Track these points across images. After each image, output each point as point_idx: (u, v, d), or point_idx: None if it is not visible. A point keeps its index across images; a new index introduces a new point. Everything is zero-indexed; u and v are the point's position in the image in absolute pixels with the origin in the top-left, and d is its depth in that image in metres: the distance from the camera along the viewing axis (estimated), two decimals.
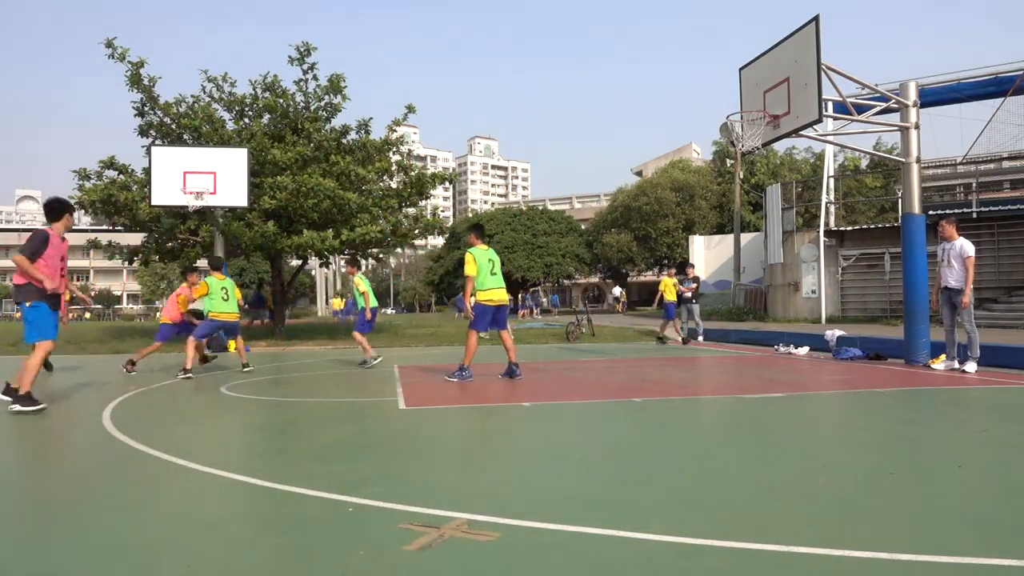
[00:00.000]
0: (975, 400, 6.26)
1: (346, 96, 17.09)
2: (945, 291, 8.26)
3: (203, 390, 7.64)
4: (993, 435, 4.50)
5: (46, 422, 5.64)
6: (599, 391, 6.96)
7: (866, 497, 3.09)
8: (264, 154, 15.92)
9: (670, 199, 41.39)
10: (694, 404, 6.08)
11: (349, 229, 15.96)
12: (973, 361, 8.07)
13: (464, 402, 6.35)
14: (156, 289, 73.07)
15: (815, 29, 8.24)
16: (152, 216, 15.97)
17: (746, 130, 9.43)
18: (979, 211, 17.93)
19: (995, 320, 15.76)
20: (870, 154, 12.21)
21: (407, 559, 2.40)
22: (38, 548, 2.62)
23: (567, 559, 2.40)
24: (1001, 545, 2.45)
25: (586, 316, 17.81)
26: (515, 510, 2.92)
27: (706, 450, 4.26)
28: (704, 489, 3.27)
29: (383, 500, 3.10)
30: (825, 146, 21.52)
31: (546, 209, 52.67)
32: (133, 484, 3.61)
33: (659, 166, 53.68)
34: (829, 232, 19.67)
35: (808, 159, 40.44)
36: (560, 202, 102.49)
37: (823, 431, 4.83)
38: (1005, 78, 17.86)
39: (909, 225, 9.20)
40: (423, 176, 18.21)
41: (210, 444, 4.59)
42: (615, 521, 2.76)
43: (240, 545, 2.61)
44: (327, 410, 6.04)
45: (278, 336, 17.24)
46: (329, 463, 3.93)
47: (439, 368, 9.71)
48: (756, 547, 2.45)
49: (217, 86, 17.18)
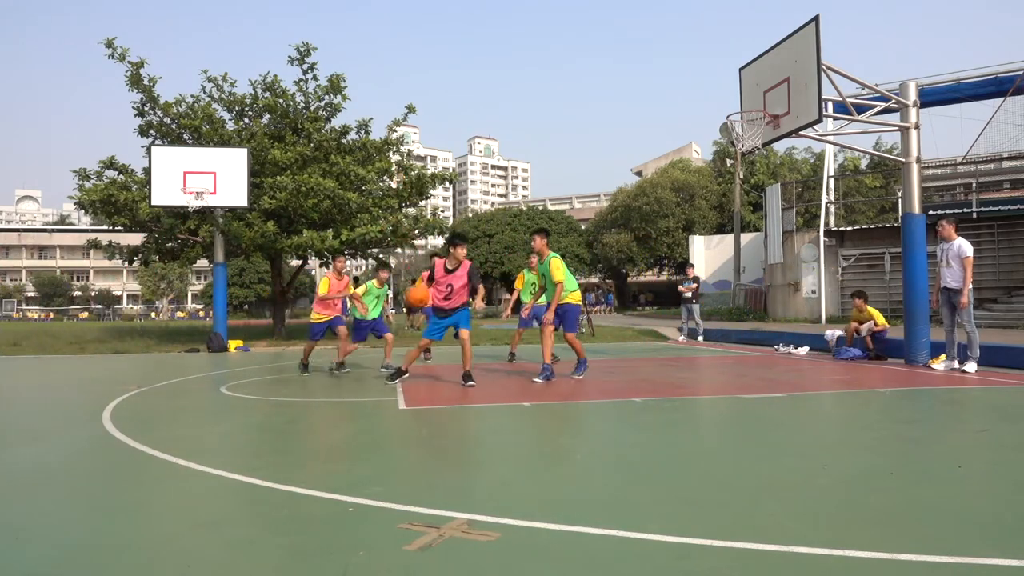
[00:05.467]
0: (975, 400, 6.26)
1: (346, 96, 17.09)
2: (945, 291, 8.26)
3: (203, 390, 7.64)
4: (993, 435, 4.50)
5: (46, 422, 5.64)
6: (599, 391, 6.96)
7: (866, 497, 3.09)
8: (264, 154, 15.92)
9: (670, 199, 41.35)
10: (694, 404, 6.08)
11: (349, 229, 15.96)
12: (973, 361, 8.07)
13: (464, 402, 6.35)
14: (156, 289, 73.02)
15: (815, 29, 8.24)
16: (152, 216, 15.97)
17: (746, 130, 9.43)
18: (979, 211, 17.91)
19: (995, 320, 15.75)
20: (870, 154, 12.22)
21: (407, 559, 2.40)
22: (38, 548, 2.62)
23: (567, 559, 2.40)
24: (1001, 545, 2.45)
25: (586, 316, 17.80)
26: (515, 510, 2.92)
27: (706, 450, 4.26)
28: (704, 489, 3.27)
29: (383, 500, 3.10)
30: (825, 146, 21.51)
31: (546, 209, 52.67)
32: (133, 484, 3.61)
33: (659, 166, 53.65)
34: (829, 232, 19.66)
35: (808, 159, 40.43)
36: (560, 202, 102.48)
37: (823, 431, 4.83)
38: (1005, 78, 17.86)
39: (909, 225, 9.20)
40: (423, 176, 18.21)
41: (210, 444, 4.59)
42: (615, 521, 2.76)
43: (240, 545, 2.61)
44: (327, 410, 6.04)
45: (278, 336, 17.24)
46: (329, 463, 3.93)
47: (439, 368, 9.71)
48: (756, 547, 2.45)
49: (217, 86, 17.18)
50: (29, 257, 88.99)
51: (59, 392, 7.68)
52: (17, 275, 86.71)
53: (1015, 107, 18.28)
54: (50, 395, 7.46)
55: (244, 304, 65.08)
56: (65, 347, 15.03)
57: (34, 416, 6.01)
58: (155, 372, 9.73)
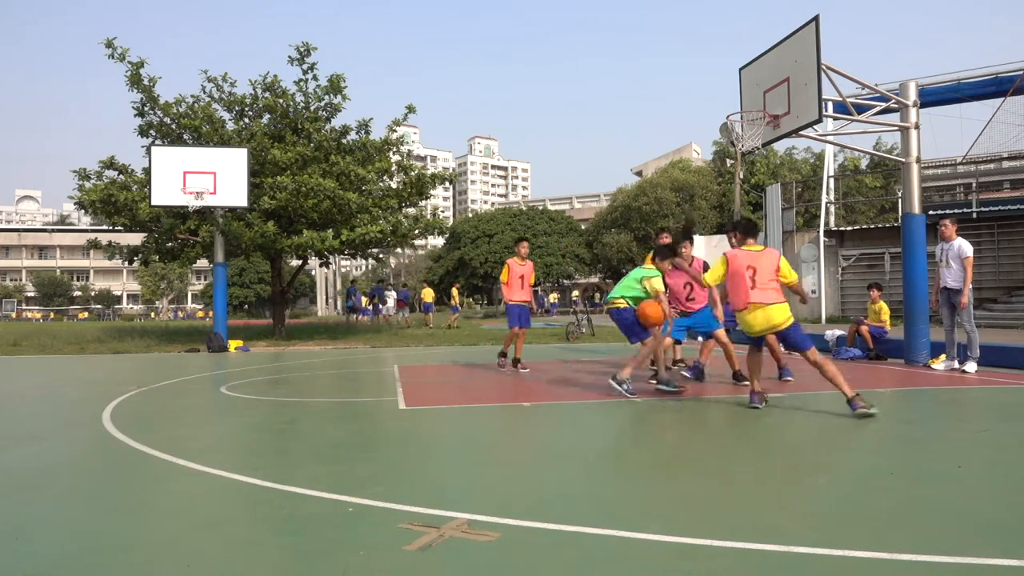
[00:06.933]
0: (975, 400, 6.26)
1: (346, 96, 17.08)
2: (944, 291, 8.26)
3: (203, 390, 7.64)
4: (993, 435, 4.50)
5: (46, 422, 5.64)
6: (599, 391, 6.95)
7: (866, 497, 3.09)
8: (264, 154, 15.91)
9: (670, 199, 41.35)
10: (694, 404, 6.07)
11: (349, 229, 15.96)
12: (973, 361, 8.07)
13: (464, 402, 6.35)
14: (156, 289, 72.98)
15: (815, 29, 8.23)
16: (152, 216, 15.96)
17: (746, 130, 9.42)
18: (979, 211, 17.93)
19: (995, 320, 15.76)
20: (870, 154, 12.22)
21: (407, 559, 2.40)
22: (38, 548, 2.62)
23: (567, 559, 2.40)
24: (1001, 545, 2.45)
25: (586, 316, 17.81)
26: (515, 510, 2.92)
27: (706, 450, 4.26)
28: (704, 489, 3.27)
29: (383, 500, 3.10)
30: (825, 146, 21.53)
31: (546, 209, 52.61)
32: (133, 484, 3.61)
33: (659, 166, 53.62)
34: (829, 232, 19.68)
35: (808, 159, 40.41)
36: (560, 202, 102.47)
37: (823, 431, 4.83)
38: (1005, 78, 17.87)
39: (909, 225, 9.20)
40: (423, 176, 18.20)
41: (210, 444, 4.59)
42: (615, 521, 2.76)
43: (240, 545, 2.61)
44: (327, 410, 6.04)
45: (278, 336, 17.24)
46: (329, 463, 3.93)
47: (439, 368, 9.71)
48: (756, 547, 2.45)
49: (217, 86, 17.17)
50: (29, 257, 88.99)
51: (59, 392, 7.68)
52: (17, 275, 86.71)
53: (1015, 107, 18.30)
54: (50, 395, 7.45)
55: (244, 304, 65.11)
56: (65, 347, 15.03)
57: (34, 416, 6.01)
58: (155, 372, 9.73)
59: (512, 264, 8.86)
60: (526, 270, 8.93)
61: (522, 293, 8.81)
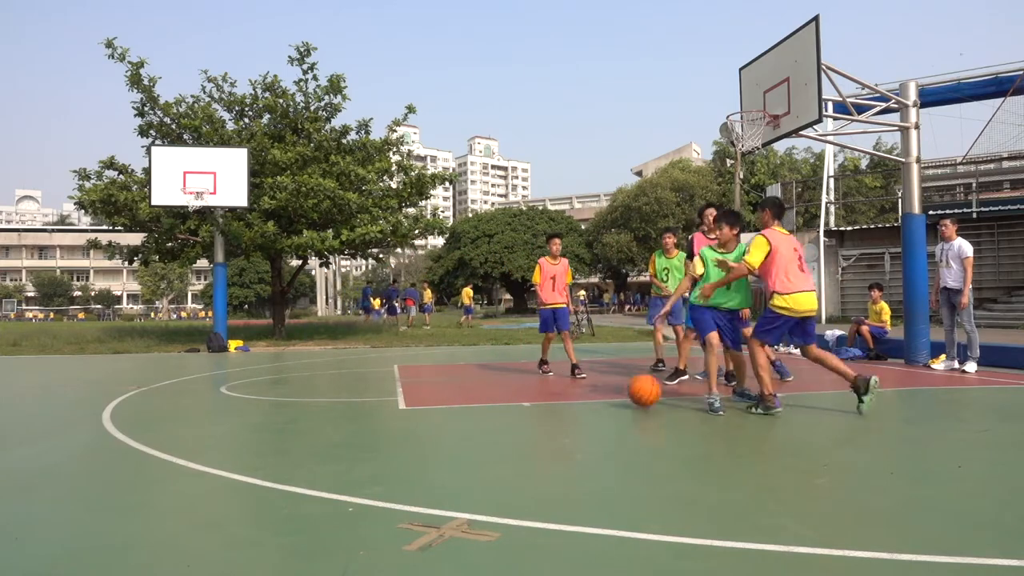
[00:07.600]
0: (975, 400, 6.26)
1: (346, 96, 17.08)
2: (944, 291, 8.26)
3: (203, 390, 7.64)
4: (993, 435, 4.50)
5: (46, 422, 5.64)
6: (598, 391, 6.95)
7: (866, 497, 3.09)
8: (264, 154, 15.91)
9: (670, 199, 41.34)
10: (694, 404, 6.07)
11: (349, 229, 15.96)
12: (973, 361, 8.07)
13: (464, 402, 6.35)
14: (156, 289, 72.94)
15: (815, 29, 8.23)
16: (152, 216, 15.96)
17: (746, 130, 9.42)
18: (979, 211, 17.92)
19: (995, 320, 15.76)
20: (870, 154, 12.22)
21: (407, 559, 2.40)
22: (38, 548, 2.62)
23: (567, 559, 2.40)
24: (1001, 545, 2.45)
25: (586, 316, 17.81)
26: (515, 510, 2.92)
27: (706, 450, 4.26)
28: (704, 489, 3.27)
29: (383, 500, 3.10)
30: (825, 146, 21.52)
31: (546, 209, 52.63)
32: (133, 484, 3.61)
33: (659, 166, 53.60)
34: (829, 232, 19.67)
35: (808, 159, 40.40)
36: (560, 202, 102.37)
37: (823, 431, 4.83)
38: (1005, 78, 17.86)
39: (909, 225, 9.20)
40: (423, 176, 18.20)
41: (210, 444, 4.59)
42: (615, 521, 2.76)
43: (240, 545, 2.61)
44: (327, 410, 6.04)
45: (278, 336, 17.24)
46: (329, 463, 3.93)
47: (439, 368, 9.71)
48: (756, 547, 2.45)
49: (217, 86, 17.17)
50: (29, 257, 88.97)
51: (59, 392, 7.68)
52: (17, 275, 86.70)
53: (1015, 107, 18.30)
54: (50, 395, 7.46)
55: (244, 304, 65.11)
56: (65, 347, 15.03)
57: (34, 416, 6.01)
58: (155, 372, 9.73)
59: (544, 264, 8.23)
60: (559, 270, 8.21)
61: (554, 295, 8.16)
